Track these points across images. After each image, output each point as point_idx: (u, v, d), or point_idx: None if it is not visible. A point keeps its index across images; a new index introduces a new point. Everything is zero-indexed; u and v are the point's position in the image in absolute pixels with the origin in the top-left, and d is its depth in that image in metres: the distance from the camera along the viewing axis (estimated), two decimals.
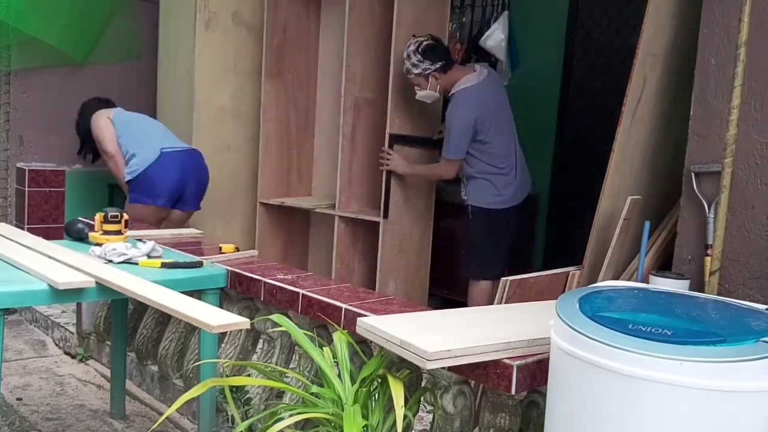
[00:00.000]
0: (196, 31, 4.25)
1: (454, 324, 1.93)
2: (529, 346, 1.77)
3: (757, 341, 1.31)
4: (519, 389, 1.74)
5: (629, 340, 1.32)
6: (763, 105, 2.32)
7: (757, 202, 2.33)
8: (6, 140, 4.46)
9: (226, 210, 4.49)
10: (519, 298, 2.56)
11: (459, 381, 1.94)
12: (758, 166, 2.33)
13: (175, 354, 3.00)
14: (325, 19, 4.43)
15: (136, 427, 2.91)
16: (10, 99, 4.42)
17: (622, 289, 1.70)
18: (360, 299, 2.31)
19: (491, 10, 5.14)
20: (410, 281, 3.98)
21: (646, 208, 2.82)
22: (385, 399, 1.82)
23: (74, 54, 4.49)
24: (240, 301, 2.70)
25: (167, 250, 2.68)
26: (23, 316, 4.19)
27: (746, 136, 2.34)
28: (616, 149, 2.72)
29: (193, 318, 1.92)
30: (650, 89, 2.77)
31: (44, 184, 4.49)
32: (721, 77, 2.40)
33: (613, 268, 2.74)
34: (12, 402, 3.06)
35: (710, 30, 2.45)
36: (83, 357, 3.59)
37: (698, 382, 1.25)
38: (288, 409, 1.85)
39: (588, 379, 1.37)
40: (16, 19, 4.09)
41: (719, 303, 1.61)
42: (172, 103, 4.58)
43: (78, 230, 2.80)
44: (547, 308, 1.67)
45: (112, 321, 3.02)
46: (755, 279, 2.32)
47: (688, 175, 2.50)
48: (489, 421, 1.91)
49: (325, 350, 1.94)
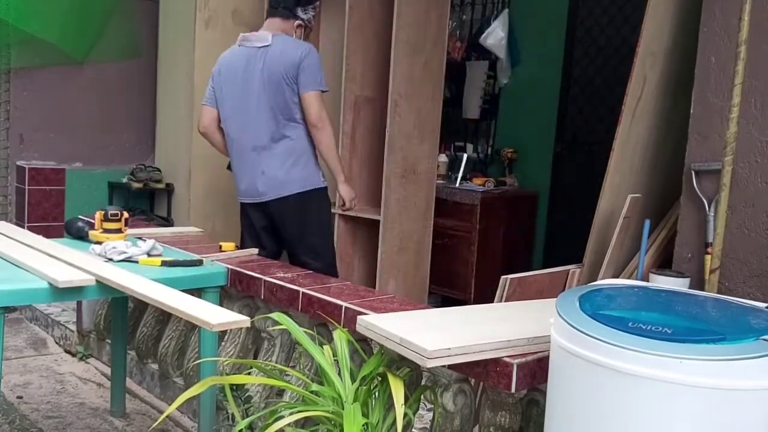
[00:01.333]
0: (196, 30, 4.25)
1: (454, 322, 1.93)
2: (529, 344, 1.77)
3: (757, 339, 1.31)
4: (519, 387, 1.74)
5: (629, 339, 1.32)
6: (763, 103, 2.32)
7: (757, 201, 2.33)
8: (6, 138, 4.46)
9: (226, 208, 4.48)
10: (519, 296, 2.56)
11: (459, 379, 1.94)
12: (758, 164, 2.33)
13: (175, 352, 3.01)
14: (325, 18, 4.42)
15: (136, 425, 2.91)
16: (10, 97, 4.42)
17: (622, 288, 1.70)
18: (360, 297, 2.31)
19: (491, 8, 5.15)
20: (410, 279, 3.98)
21: (646, 206, 2.83)
22: (385, 397, 1.82)
23: (74, 52, 4.49)
24: (240, 299, 2.70)
25: (167, 249, 2.68)
26: (23, 314, 4.19)
27: (746, 134, 2.34)
28: (616, 148, 2.72)
29: (193, 316, 1.92)
30: (650, 88, 2.77)
31: (44, 183, 4.49)
32: (722, 75, 2.40)
33: (613, 267, 2.74)
34: (12, 400, 3.06)
35: (710, 28, 2.45)
36: (83, 355, 3.59)
37: (698, 380, 1.25)
38: (288, 408, 1.85)
39: (588, 377, 1.37)
40: (16, 17, 4.09)
41: (719, 301, 1.61)
42: (172, 101, 4.58)
43: (78, 228, 2.80)
44: (548, 307, 1.66)
45: (113, 319, 3.02)
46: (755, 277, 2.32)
47: (688, 174, 2.51)
48: (489, 419, 1.91)
49: (326, 348, 1.94)
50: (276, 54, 3.05)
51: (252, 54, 3.10)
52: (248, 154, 3.13)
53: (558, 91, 4.84)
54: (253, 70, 3.08)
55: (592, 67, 4.80)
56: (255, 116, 3.09)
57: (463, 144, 5.29)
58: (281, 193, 3.10)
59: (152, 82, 4.73)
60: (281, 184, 3.10)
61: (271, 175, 3.10)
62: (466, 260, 4.50)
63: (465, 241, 4.51)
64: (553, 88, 4.84)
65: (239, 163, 3.20)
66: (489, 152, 5.26)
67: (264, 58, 3.06)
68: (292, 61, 3.02)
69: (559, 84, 4.83)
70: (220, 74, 3.20)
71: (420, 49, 3.77)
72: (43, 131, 4.54)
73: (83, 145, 4.66)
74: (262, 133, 3.09)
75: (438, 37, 3.90)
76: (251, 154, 3.12)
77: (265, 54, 3.07)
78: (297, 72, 3.03)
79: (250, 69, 3.09)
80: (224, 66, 3.21)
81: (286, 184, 3.10)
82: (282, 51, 3.05)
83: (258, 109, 3.08)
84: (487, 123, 5.26)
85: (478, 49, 5.14)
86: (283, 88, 3.04)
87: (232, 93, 3.15)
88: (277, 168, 3.09)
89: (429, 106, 3.88)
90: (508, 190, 4.75)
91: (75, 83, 4.57)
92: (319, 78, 3.07)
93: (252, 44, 3.12)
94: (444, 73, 4.00)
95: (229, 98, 3.17)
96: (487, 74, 5.13)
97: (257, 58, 3.08)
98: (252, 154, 3.12)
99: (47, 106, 4.52)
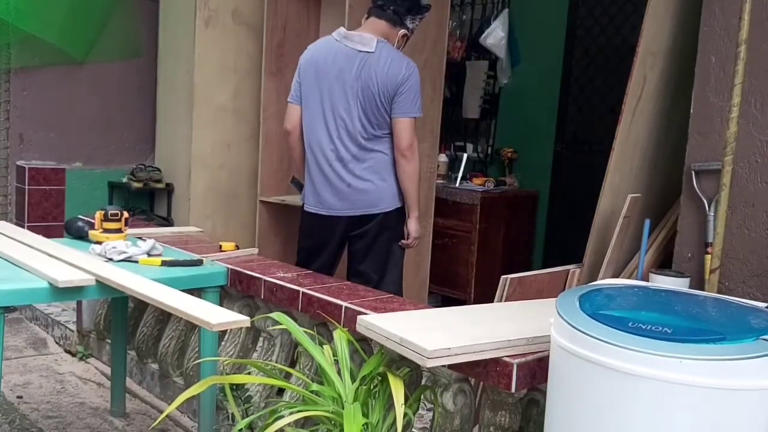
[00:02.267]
0: (196, 30, 4.25)
1: (454, 322, 1.93)
2: (529, 344, 1.77)
3: (757, 339, 1.31)
4: (519, 387, 1.74)
5: (629, 338, 1.32)
6: (763, 103, 2.32)
7: (757, 200, 2.34)
8: (6, 138, 4.46)
9: (226, 208, 4.50)
10: (519, 296, 2.56)
11: (459, 379, 1.94)
12: (758, 164, 2.33)
13: (175, 352, 3.01)
14: (325, 18, 4.42)
15: (136, 425, 2.91)
16: (9, 97, 4.42)
17: (622, 287, 1.70)
18: (360, 297, 2.31)
19: (491, 7, 5.15)
20: (410, 279, 3.98)
21: (646, 206, 2.83)
22: (385, 397, 1.82)
23: (74, 52, 4.49)
24: (240, 299, 2.70)
25: (167, 248, 2.68)
26: (23, 314, 4.19)
27: (746, 134, 2.34)
28: (616, 147, 2.72)
29: (193, 316, 1.92)
30: (650, 87, 2.77)
31: (44, 182, 4.48)
32: (722, 75, 2.40)
33: (613, 266, 2.74)
34: (12, 400, 3.06)
35: (710, 28, 2.45)
36: (83, 355, 3.59)
37: (698, 380, 1.25)
38: (288, 407, 1.85)
39: (588, 376, 1.37)
40: (15, 16, 4.08)
41: (719, 301, 1.61)
42: (172, 101, 4.58)
43: (78, 228, 2.79)
44: (547, 306, 1.67)
45: (113, 319, 3.02)
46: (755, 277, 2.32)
47: (688, 173, 2.51)
48: (489, 419, 1.91)
49: (326, 348, 1.94)
50: (378, 65, 2.80)
51: (351, 55, 2.83)
52: (334, 163, 2.89)
53: (558, 91, 4.84)
54: (348, 73, 2.83)
55: (592, 67, 4.80)
56: (344, 123, 2.86)
57: (463, 144, 5.29)
58: (370, 210, 2.92)
59: (152, 81, 4.72)
60: (374, 200, 2.91)
61: (361, 188, 2.89)
62: (466, 260, 4.50)
63: (465, 240, 4.51)
64: (553, 88, 4.84)
65: (317, 172, 2.94)
66: (489, 152, 5.26)
67: (363, 64, 2.81)
68: (394, 80, 2.79)
69: (559, 84, 4.83)
70: (308, 68, 2.92)
71: (420, 48, 3.77)
72: (42, 131, 4.53)
73: (83, 144, 4.66)
74: (350, 141, 2.87)
75: (438, 37, 3.90)
76: (336, 163, 2.89)
77: (366, 60, 2.81)
78: (395, 93, 2.80)
79: (346, 70, 2.84)
80: (316, 61, 2.91)
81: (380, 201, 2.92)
82: (386, 64, 2.80)
83: (352, 116, 2.85)
84: (487, 123, 5.26)
85: (478, 49, 5.14)
86: (374, 102, 2.82)
87: (320, 92, 2.89)
88: (367, 182, 2.89)
89: (429, 105, 3.87)
90: (507, 189, 4.76)
91: (75, 83, 4.57)
92: (417, 103, 2.86)
93: (353, 45, 2.85)
94: (444, 72, 4.00)
95: (314, 98, 2.90)
96: (487, 74, 5.13)
97: (355, 62, 2.82)
98: (337, 164, 2.89)
99: (47, 105, 4.52)
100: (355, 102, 2.84)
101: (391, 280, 3.00)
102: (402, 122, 2.84)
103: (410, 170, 2.90)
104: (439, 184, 4.46)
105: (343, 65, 2.85)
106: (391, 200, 2.95)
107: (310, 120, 2.94)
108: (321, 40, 3.06)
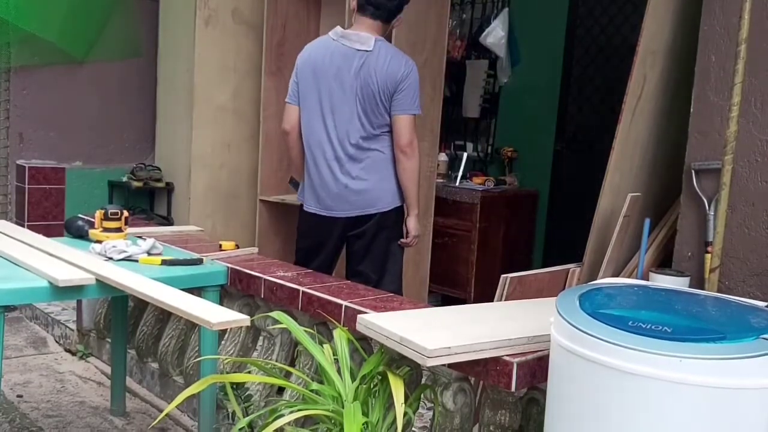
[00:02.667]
0: (196, 29, 4.25)
1: (454, 321, 1.93)
2: (529, 343, 1.77)
3: (757, 338, 1.31)
4: (519, 386, 1.74)
5: (629, 338, 1.32)
6: (763, 102, 2.32)
7: (757, 199, 2.34)
8: (6, 137, 4.46)
9: (226, 207, 4.49)
10: (519, 295, 2.56)
11: (459, 378, 1.94)
12: (758, 163, 2.33)
13: (175, 351, 3.01)
14: (325, 17, 4.42)
15: (136, 424, 2.91)
16: (9, 96, 4.42)
17: (622, 287, 1.70)
18: (360, 296, 2.31)
19: (491, 7, 5.14)
20: (410, 278, 3.98)
21: (646, 205, 2.83)
22: (385, 396, 1.82)
23: (74, 51, 4.49)
24: (240, 298, 2.70)
25: (167, 248, 2.68)
26: (23, 313, 4.19)
27: (746, 133, 2.34)
28: (616, 147, 2.72)
29: (193, 315, 1.93)
30: (650, 87, 2.77)
31: (44, 181, 4.48)
32: (722, 74, 2.40)
33: (613, 266, 2.74)
34: (12, 399, 3.06)
35: (711, 27, 2.45)
36: (83, 354, 3.59)
37: (698, 379, 1.25)
38: (288, 406, 1.85)
39: (588, 376, 1.37)
40: (16, 15, 4.09)
41: (719, 300, 1.61)
42: (171, 100, 4.58)
43: (78, 227, 2.79)
44: (547, 305, 1.67)
45: (113, 318, 3.02)
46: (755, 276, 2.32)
47: (688, 172, 2.51)
48: (489, 418, 1.91)
49: (326, 347, 1.94)
50: (377, 63, 2.81)
51: (349, 54, 2.83)
52: (332, 163, 2.89)
53: (558, 91, 4.84)
54: (347, 72, 2.83)
55: (592, 66, 4.80)
56: (342, 122, 2.86)
57: (463, 143, 5.29)
58: (367, 210, 2.91)
59: (152, 81, 4.72)
60: (371, 200, 2.90)
61: (358, 188, 2.89)
62: (465, 259, 4.50)
63: (465, 240, 4.51)
64: (553, 88, 4.84)
65: (315, 172, 2.94)
66: (489, 151, 5.26)
67: (362, 63, 2.81)
68: (393, 77, 2.80)
69: (559, 83, 4.83)
70: (306, 68, 2.91)
71: (420, 48, 3.77)
72: (42, 130, 4.53)
73: (83, 143, 4.66)
74: (348, 141, 2.86)
75: (438, 36, 3.89)
76: (334, 163, 2.89)
77: (364, 59, 2.81)
78: (395, 90, 2.80)
79: (344, 69, 2.83)
80: (313, 61, 2.91)
81: (378, 200, 2.91)
82: (385, 62, 2.81)
83: (351, 115, 2.84)
84: (486, 122, 5.26)
85: (478, 48, 5.14)
86: (374, 100, 2.82)
87: (318, 92, 2.88)
88: (364, 181, 2.89)
89: (429, 104, 3.87)
90: (507, 189, 4.75)
91: (75, 82, 4.56)
92: (417, 101, 2.86)
93: (352, 45, 2.84)
94: (444, 71, 4.00)
95: (312, 98, 2.90)
96: (487, 73, 5.13)
97: (353, 60, 2.82)
98: (334, 164, 2.88)
99: (47, 104, 4.52)
100: (354, 101, 2.84)
101: (390, 279, 3.00)
102: (402, 119, 2.85)
103: (410, 168, 2.90)
104: (439, 183, 4.46)
105: (341, 64, 2.84)
106: (389, 199, 2.95)
107: (308, 120, 2.94)
108: (318, 40, 3.06)
